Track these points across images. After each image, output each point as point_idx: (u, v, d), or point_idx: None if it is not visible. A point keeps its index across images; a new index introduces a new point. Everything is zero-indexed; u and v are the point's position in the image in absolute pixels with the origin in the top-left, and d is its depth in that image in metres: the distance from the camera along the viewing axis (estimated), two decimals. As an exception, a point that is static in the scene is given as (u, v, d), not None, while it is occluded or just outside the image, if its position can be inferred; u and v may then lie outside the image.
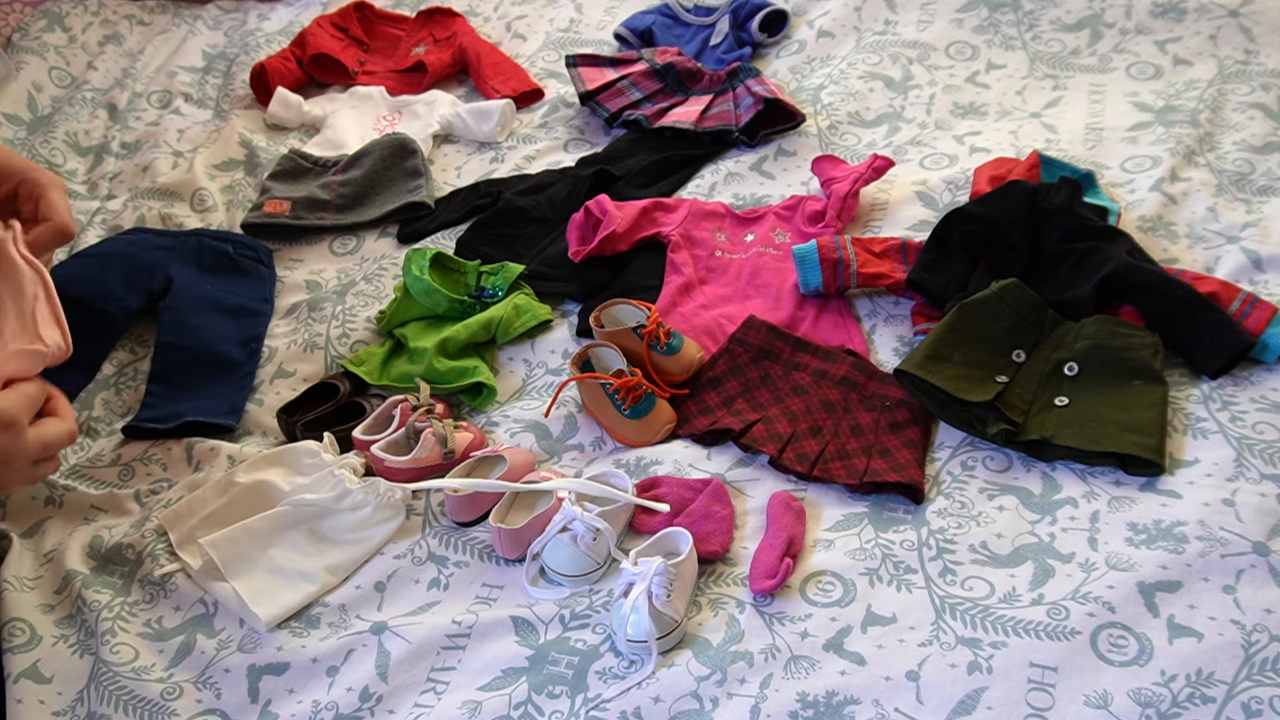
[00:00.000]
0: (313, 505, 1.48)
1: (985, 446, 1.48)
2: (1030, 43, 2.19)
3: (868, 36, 2.25)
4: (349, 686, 1.31)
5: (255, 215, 2.01)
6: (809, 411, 1.54)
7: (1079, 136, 1.96)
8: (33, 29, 2.45)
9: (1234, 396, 1.48)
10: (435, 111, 2.24)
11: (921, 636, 1.27)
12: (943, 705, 1.20)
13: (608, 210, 1.83)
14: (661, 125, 2.08)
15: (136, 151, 2.22)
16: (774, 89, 2.05)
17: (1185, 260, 1.69)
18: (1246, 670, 1.18)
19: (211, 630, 1.40)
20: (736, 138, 2.03)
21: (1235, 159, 1.85)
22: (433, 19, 2.51)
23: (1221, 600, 1.25)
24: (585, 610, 1.35)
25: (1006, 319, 1.55)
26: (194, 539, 1.46)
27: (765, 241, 1.83)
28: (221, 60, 2.50)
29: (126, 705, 1.32)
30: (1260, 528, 1.31)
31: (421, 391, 1.61)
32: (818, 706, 1.21)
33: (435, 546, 1.46)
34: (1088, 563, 1.31)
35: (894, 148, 2.00)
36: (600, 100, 2.14)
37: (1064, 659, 1.22)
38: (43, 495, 1.59)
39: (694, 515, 1.42)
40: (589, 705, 1.25)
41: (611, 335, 1.62)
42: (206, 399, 1.68)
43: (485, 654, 1.32)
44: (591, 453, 1.57)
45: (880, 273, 1.68)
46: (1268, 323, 1.52)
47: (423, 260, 1.76)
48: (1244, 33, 2.09)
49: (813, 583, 1.34)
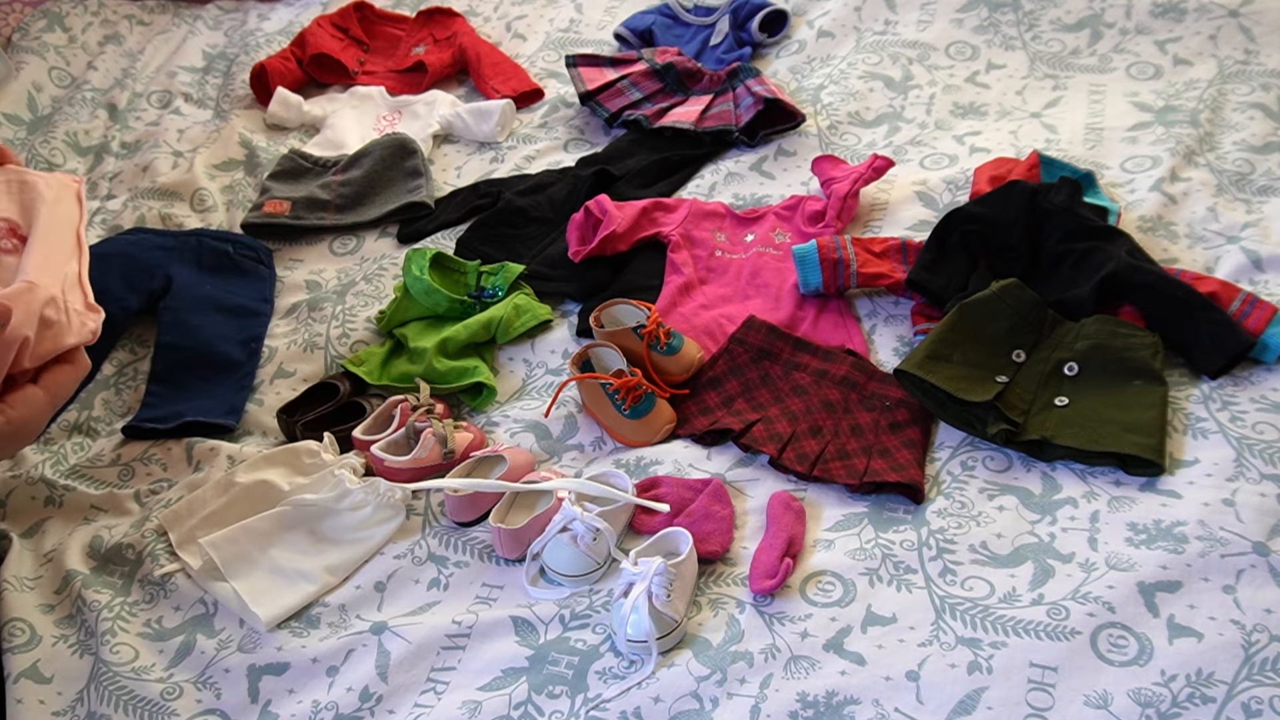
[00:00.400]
0: (313, 505, 1.48)
1: (985, 446, 1.48)
2: (1030, 43, 2.19)
3: (868, 36, 2.25)
4: (349, 686, 1.31)
5: (255, 215, 2.01)
6: (809, 411, 1.54)
7: (1079, 136, 1.96)
8: (33, 29, 2.45)
9: (1234, 396, 1.48)
10: (435, 111, 2.23)
11: (921, 636, 1.26)
12: (943, 705, 1.20)
13: (608, 210, 1.83)
14: (661, 125, 2.08)
15: (136, 151, 2.22)
16: (774, 89, 2.05)
17: (1185, 260, 1.69)
18: (1246, 670, 1.18)
19: (211, 630, 1.40)
20: (736, 138, 2.03)
21: (1235, 159, 1.85)
22: (433, 19, 2.51)
23: (1221, 600, 1.25)
24: (585, 610, 1.35)
25: (1006, 319, 1.55)
26: (194, 539, 1.46)
27: (765, 241, 1.83)
28: (221, 60, 2.50)
29: (126, 705, 1.32)
30: (1260, 528, 1.31)
31: (421, 391, 1.61)
32: (818, 706, 1.21)
33: (435, 546, 1.46)
34: (1088, 563, 1.31)
35: (894, 148, 2.00)
36: (600, 100, 2.15)
37: (1064, 659, 1.21)
38: (43, 495, 1.59)
39: (694, 515, 1.42)
40: (589, 705, 1.25)
41: (611, 335, 1.62)
42: (206, 399, 1.68)
43: (485, 654, 1.32)
44: (591, 453, 1.57)
45: (880, 273, 1.68)
46: (1268, 323, 1.52)
47: (423, 260, 1.76)
48: (1244, 33, 2.09)
49: (813, 583, 1.34)
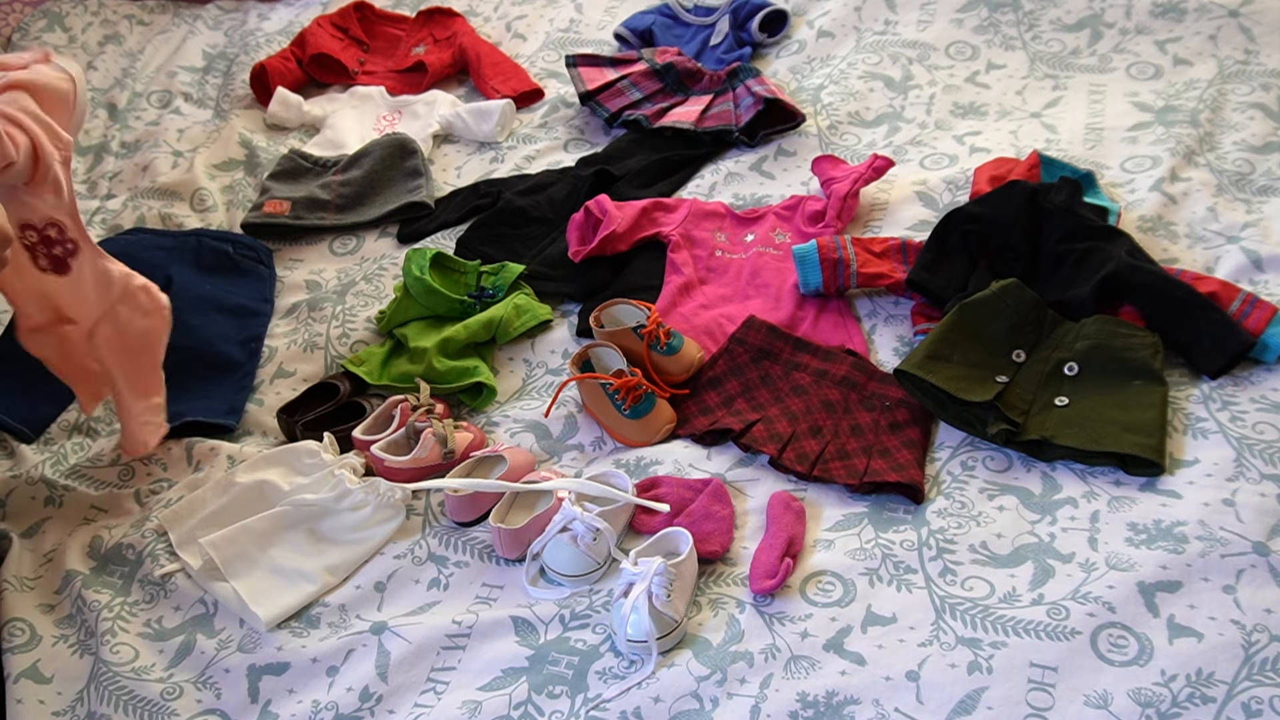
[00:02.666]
0: (313, 505, 1.48)
1: (985, 446, 1.48)
2: (1030, 43, 2.19)
3: (868, 36, 2.24)
4: (349, 686, 1.31)
5: (255, 215, 2.01)
6: (809, 411, 1.54)
7: (1079, 136, 1.96)
8: (33, 29, 2.45)
9: (1234, 396, 1.48)
10: (435, 111, 2.23)
11: (921, 636, 1.26)
12: (943, 705, 1.20)
13: (608, 210, 1.83)
14: (661, 125, 2.07)
15: (136, 151, 2.22)
16: (774, 89, 2.05)
17: (1185, 260, 1.69)
18: (1246, 670, 1.18)
19: (211, 630, 1.40)
20: (736, 138, 2.03)
21: (1235, 159, 1.85)
22: (433, 19, 2.51)
23: (1221, 600, 1.24)
24: (585, 610, 1.35)
25: (1006, 319, 1.55)
26: (194, 539, 1.46)
27: (765, 241, 1.83)
28: (221, 60, 2.50)
29: (126, 705, 1.32)
30: (1260, 528, 1.31)
31: (421, 391, 1.61)
32: (818, 706, 1.21)
33: (435, 546, 1.46)
34: (1088, 563, 1.31)
35: (894, 148, 2.00)
36: (600, 100, 2.14)
37: (1064, 659, 1.21)
38: (43, 495, 1.59)
39: (694, 515, 1.42)
40: (589, 705, 1.25)
41: (611, 335, 1.62)
42: (206, 399, 1.68)
43: (485, 654, 1.32)
44: (591, 453, 1.57)
45: (880, 273, 1.68)
46: (1268, 323, 1.52)
47: (423, 260, 1.76)
48: (1244, 33, 2.09)
49: (813, 583, 1.34)
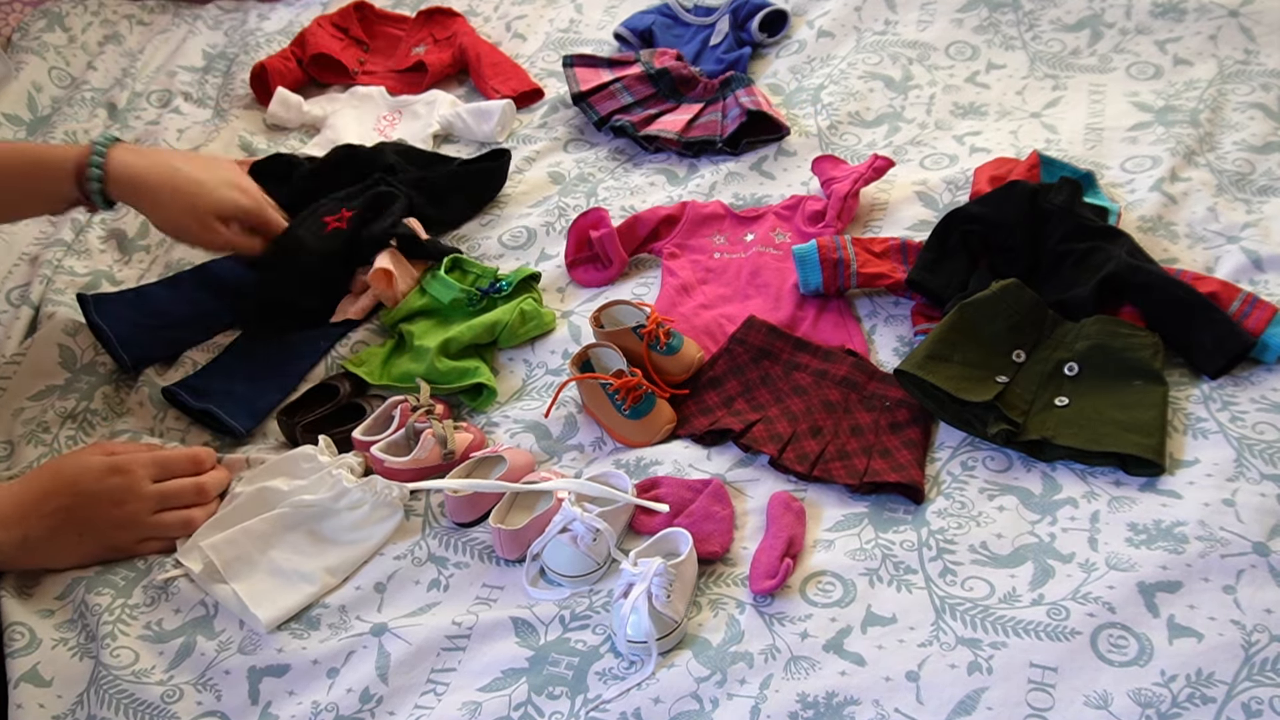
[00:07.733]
0: (312, 506, 1.47)
1: (985, 446, 1.48)
2: (1030, 43, 2.19)
3: (868, 36, 2.24)
4: (349, 688, 1.31)
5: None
6: (809, 411, 1.54)
7: (1079, 136, 1.96)
8: (33, 29, 2.45)
9: (1234, 396, 1.48)
10: (435, 111, 2.23)
11: (921, 637, 1.27)
12: (943, 705, 1.20)
13: (607, 250, 1.81)
14: (646, 133, 2.06)
15: (136, 152, 2.22)
16: (761, 101, 2.04)
17: (1185, 260, 1.69)
18: (1246, 670, 1.18)
19: (211, 632, 1.40)
20: (720, 148, 2.02)
21: (1235, 159, 1.85)
22: (433, 19, 2.51)
23: (1221, 600, 1.25)
24: (585, 611, 1.35)
25: (1006, 319, 1.55)
26: (195, 543, 1.46)
27: (765, 241, 1.83)
28: (221, 60, 2.50)
29: (127, 708, 1.32)
30: (1260, 528, 1.31)
31: (421, 392, 1.61)
32: (818, 707, 1.21)
33: (435, 547, 1.46)
34: (1088, 563, 1.31)
35: (894, 148, 2.00)
36: (591, 102, 2.13)
37: (1064, 659, 1.22)
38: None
39: (694, 515, 1.42)
40: (589, 706, 1.25)
41: (611, 335, 1.62)
42: (237, 398, 1.67)
43: (485, 655, 1.32)
44: (591, 453, 1.57)
45: (880, 273, 1.68)
46: (1268, 323, 1.52)
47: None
48: (1244, 33, 2.09)
49: (813, 583, 1.34)
